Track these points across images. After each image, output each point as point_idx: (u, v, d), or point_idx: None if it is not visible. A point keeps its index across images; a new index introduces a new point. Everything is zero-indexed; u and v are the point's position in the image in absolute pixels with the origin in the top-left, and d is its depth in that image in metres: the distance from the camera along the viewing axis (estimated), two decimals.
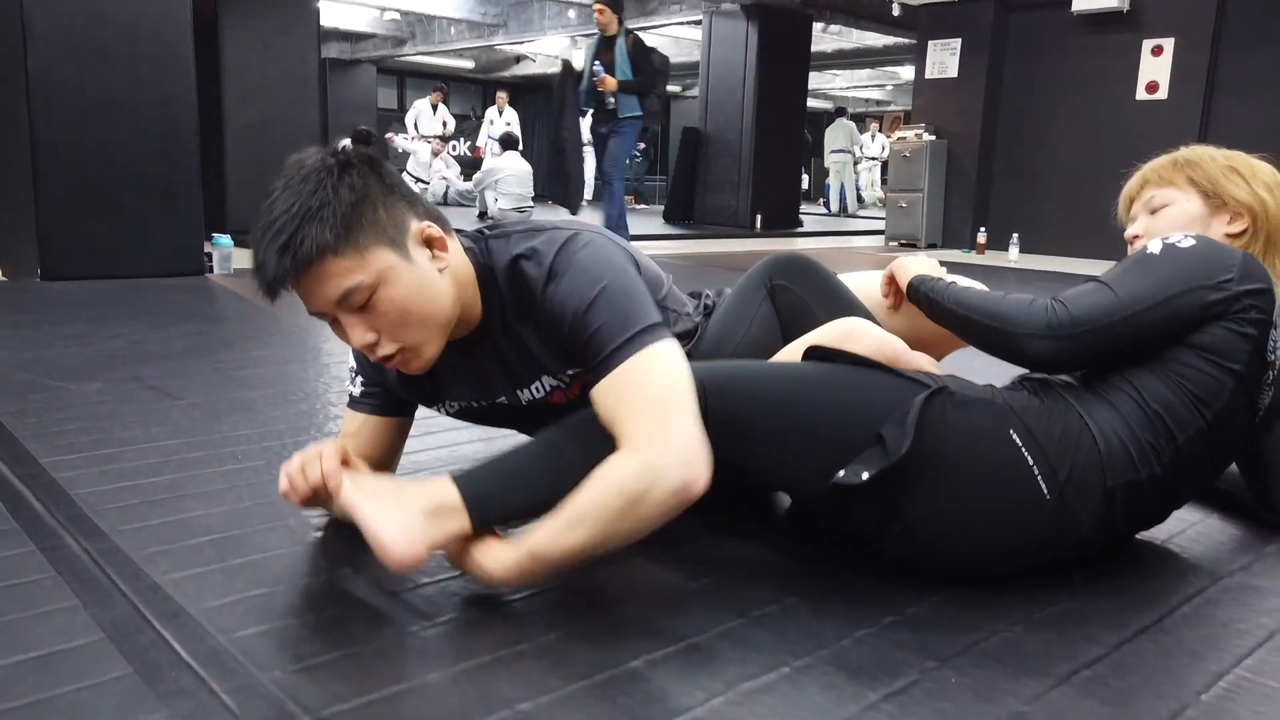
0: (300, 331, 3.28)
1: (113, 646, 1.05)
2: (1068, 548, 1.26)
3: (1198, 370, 1.23)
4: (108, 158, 4.30)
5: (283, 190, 1.12)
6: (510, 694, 0.98)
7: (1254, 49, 6.81)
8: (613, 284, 1.18)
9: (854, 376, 1.22)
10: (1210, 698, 1.02)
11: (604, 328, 1.16)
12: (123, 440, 1.82)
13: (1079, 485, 1.20)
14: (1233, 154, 1.47)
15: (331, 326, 1.19)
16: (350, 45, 14.97)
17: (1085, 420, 1.23)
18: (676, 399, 1.13)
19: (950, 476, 1.18)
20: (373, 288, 1.12)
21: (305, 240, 1.08)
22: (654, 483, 1.09)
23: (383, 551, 1.08)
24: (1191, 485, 1.31)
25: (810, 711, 0.96)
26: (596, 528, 1.09)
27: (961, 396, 1.22)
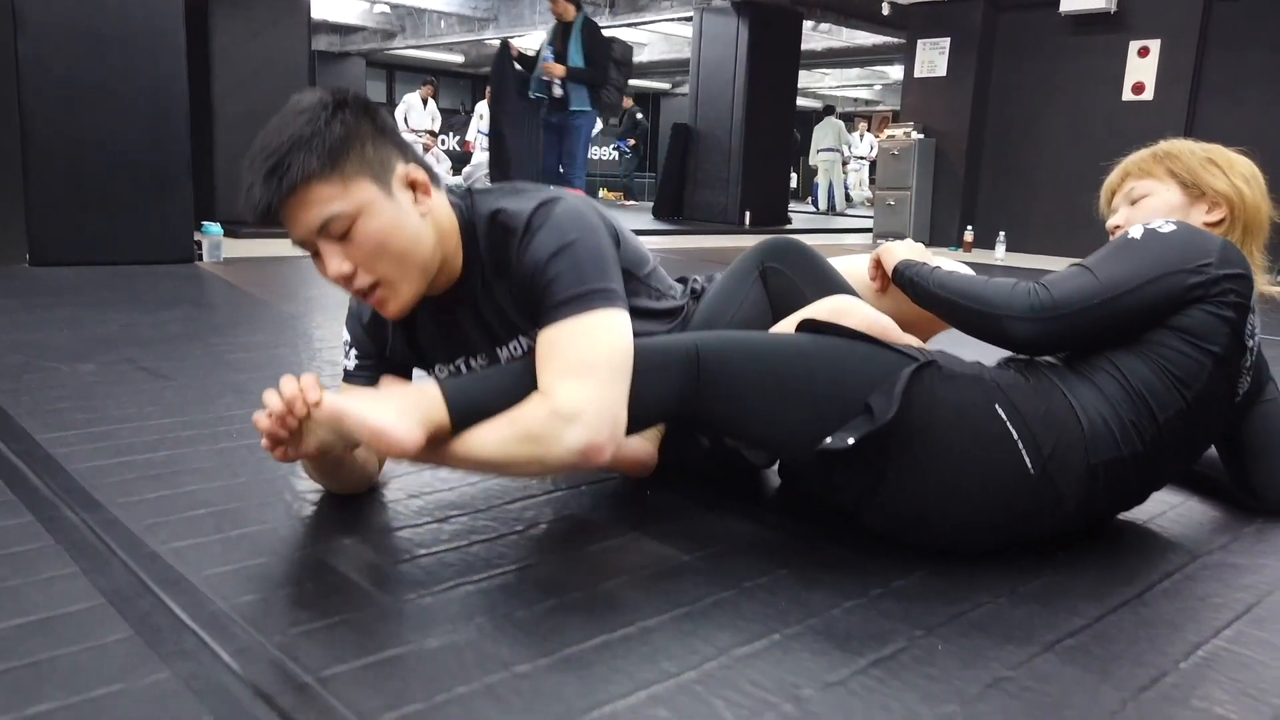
0: (290, 318, 3.29)
1: (113, 611, 1.07)
2: (1051, 524, 1.28)
3: (1178, 352, 1.26)
4: (99, 144, 4.28)
5: (278, 122, 1.16)
6: (508, 657, 1.00)
7: (1239, 51, 6.88)
8: (581, 242, 1.22)
9: (845, 348, 1.25)
10: (1189, 665, 1.04)
11: (560, 278, 1.20)
12: (118, 419, 1.83)
13: (1062, 461, 1.23)
14: (1211, 147, 1.51)
15: (313, 260, 1.22)
16: (340, 38, 14.92)
17: (1069, 399, 1.26)
18: (606, 366, 1.17)
19: (935, 447, 1.21)
20: (352, 218, 1.17)
21: (292, 166, 1.13)
22: (556, 434, 1.14)
23: (381, 436, 1.10)
24: (1172, 465, 1.34)
25: (801, 675, 0.99)
26: (498, 453, 1.16)
27: (949, 371, 1.25)
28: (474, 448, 1.17)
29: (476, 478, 1.57)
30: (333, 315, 3.35)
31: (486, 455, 1.17)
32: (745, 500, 1.53)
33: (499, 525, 1.38)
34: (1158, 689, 0.99)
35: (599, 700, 0.92)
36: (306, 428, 1.18)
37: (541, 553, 1.28)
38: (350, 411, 1.12)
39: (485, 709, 0.90)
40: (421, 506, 1.43)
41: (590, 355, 1.17)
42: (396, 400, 1.16)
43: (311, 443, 1.19)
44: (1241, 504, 1.56)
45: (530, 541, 1.33)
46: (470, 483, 1.54)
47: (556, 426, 1.14)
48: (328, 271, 1.20)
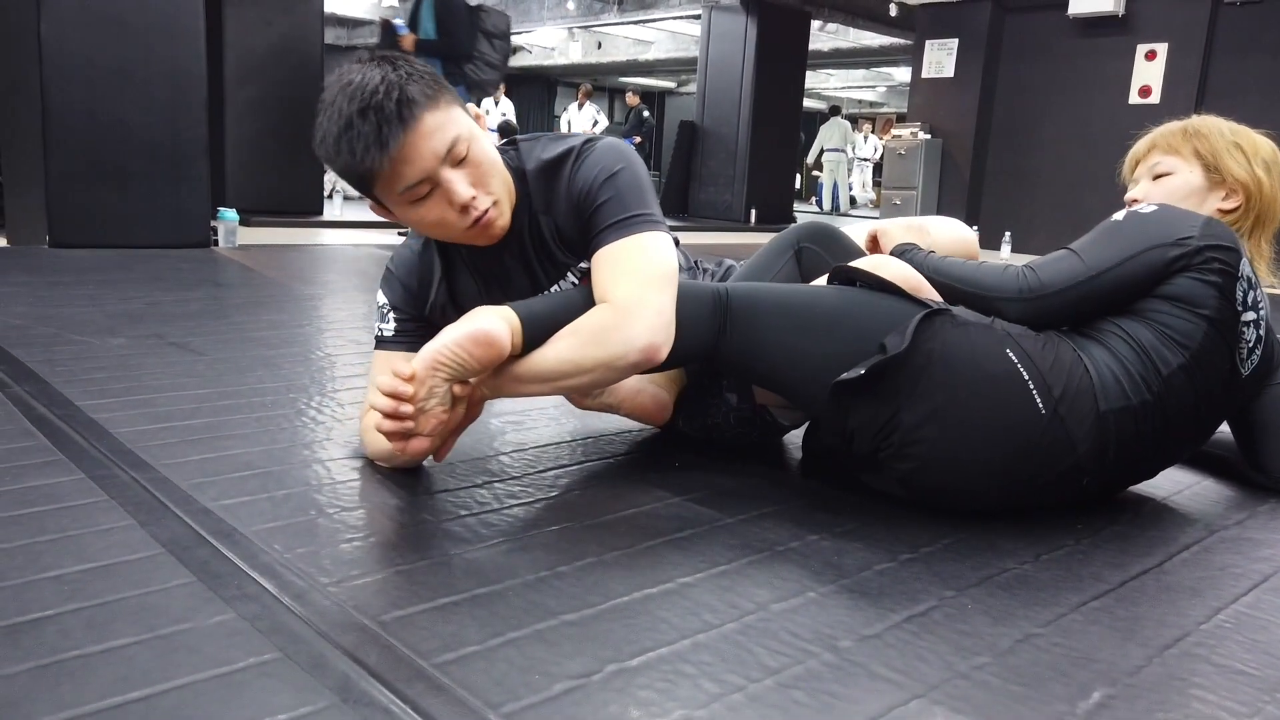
0: (312, 299, 3.33)
1: (173, 559, 1.10)
2: (1064, 476, 1.32)
3: (1172, 315, 1.32)
4: (118, 128, 4.32)
5: (347, 91, 1.22)
6: (555, 607, 1.03)
7: (1245, 56, 6.92)
8: (627, 170, 1.34)
9: (866, 296, 1.34)
10: (1210, 626, 1.08)
11: (615, 200, 1.32)
12: (154, 388, 1.87)
13: (1072, 405, 1.28)
14: (1239, 129, 1.54)
15: (422, 200, 1.27)
16: (347, 31, 14.94)
17: (1078, 352, 1.32)
18: (663, 279, 1.29)
19: (947, 385, 1.27)
20: (468, 140, 1.26)
21: (403, 104, 1.21)
22: (620, 332, 1.24)
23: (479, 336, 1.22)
24: (1181, 434, 1.37)
25: (838, 628, 1.02)
26: (567, 359, 1.26)
27: (962, 319, 1.32)
28: (542, 359, 1.27)
29: (511, 447, 1.61)
30: (351, 298, 3.39)
31: (555, 363, 1.27)
32: (772, 471, 1.57)
33: (536, 491, 1.41)
34: (1180, 647, 1.03)
35: (645, 646, 0.96)
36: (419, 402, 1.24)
37: (578, 516, 1.32)
38: (442, 344, 1.22)
39: (538, 651, 0.94)
40: (460, 472, 1.47)
41: (644, 266, 1.28)
42: (470, 315, 1.26)
43: (433, 410, 1.26)
44: (1255, 483, 1.60)
45: (566, 505, 1.37)
46: (505, 452, 1.58)
47: (620, 324, 1.25)
48: (457, 196, 1.26)
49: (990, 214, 8.22)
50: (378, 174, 1.24)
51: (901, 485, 1.36)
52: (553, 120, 18.45)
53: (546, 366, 1.27)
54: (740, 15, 9.79)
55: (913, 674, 0.94)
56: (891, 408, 1.27)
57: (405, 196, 1.27)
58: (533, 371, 1.28)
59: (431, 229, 1.34)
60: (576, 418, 1.82)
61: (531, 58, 16.64)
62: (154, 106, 4.40)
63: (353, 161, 1.23)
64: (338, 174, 1.30)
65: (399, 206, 1.30)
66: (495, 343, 1.23)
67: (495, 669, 0.90)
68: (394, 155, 1.22)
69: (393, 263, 1.51)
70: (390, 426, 1.23)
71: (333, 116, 1.23)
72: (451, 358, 1.23)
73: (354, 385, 1.99)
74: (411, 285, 1.47)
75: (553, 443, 1.67)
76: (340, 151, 1.23)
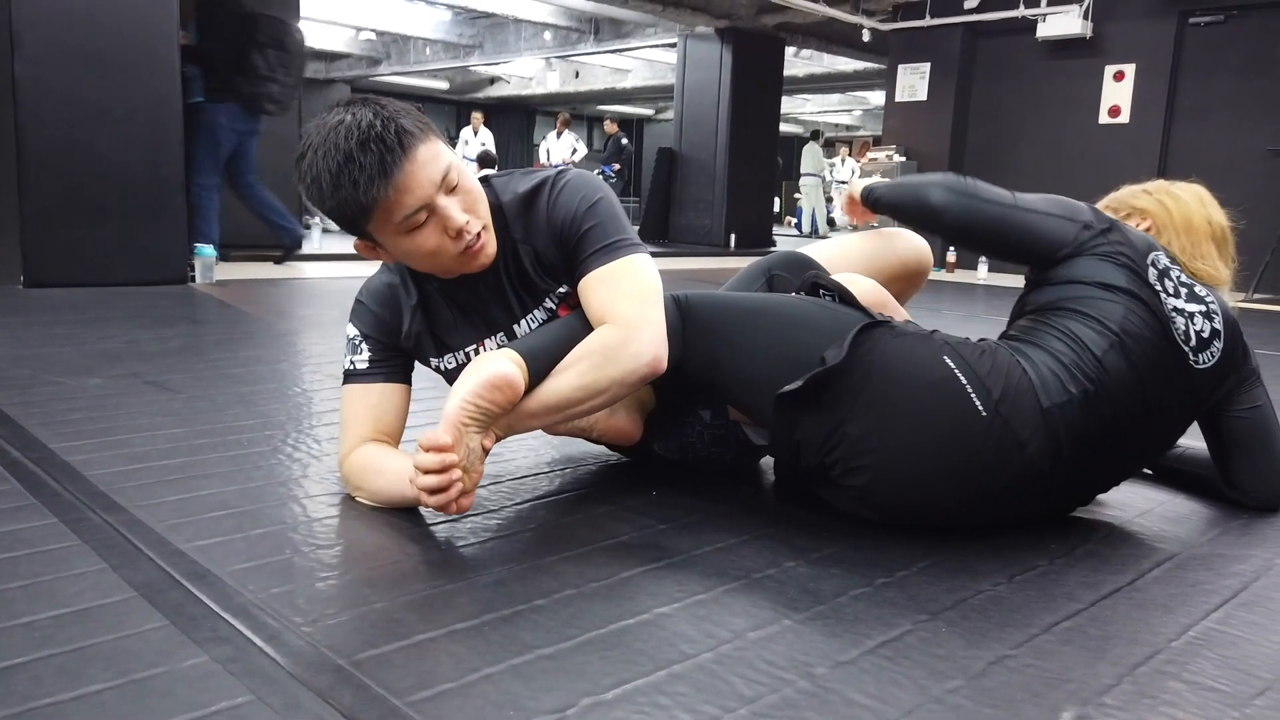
0: (287, 334, 3.33)
1: (146, 602, 1.10)
2: (1020, 479, 1.33)
3: (1092, 298, 1.39)
4: (93, 165, 4.31)
5: (347, 121, 1.25)
6: (531, 640, 1.03)
7: (1211, 75, 7.06)
8: (606, 199, 1.42)
9: (814, 306, 1.39)
10: (1181, 644, 1.10)
11: (599, 227, 1.39)
12: (130, 428, 1.86)
13: (1014, 405, 1.30)
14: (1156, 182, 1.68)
15: (418, 229, 1.31)
16: (325, 65, 15.02)
17: (1015, 356, 1.36)
18: (656, 297, 1.38)
19: (888, 395, 1.30)
20: (458, 169, 1.31)
21: (403, 134, 1.25)
22: (627, 347, 1.32)
23: (498, 381, 1.26)
24: (1136, 420, 1.38)
25: (813, 655, 1.03)
26: (577, 384, 1.32)
27: (901, 330, 1.36)
28: (555, 389, 1.32)
29: (488, 480, 1.61)
30: (330, 331, 3.38)
31: (569, 390, 1.32)
32: (748, 499, 1.58)
33: (513, 524, 1.42)
34: (1151, 665, 1.04)
35: (622, 679, 0.96)
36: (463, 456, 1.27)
37: (555, 548, 1.32)
38: (461, 400, 1.26)
39: (514, 686, 0.94)
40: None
41: (639, 285, 1.37)
42: (476, 364, 1.29)
43: (474, 465, 1.30)
44: (1228, 500, 1.62)
45: (544, 538, 1.37)
46: (482, 485, 1.58)
47: (629, 340, 1.32)
48: (453, 222, 1.31)
49: None
50: (378, 206, 1.27)
51: (862, 504, 1.37)
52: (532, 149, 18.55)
53: (561, 395, 1.32)
54: (715, 43, 9.91)
55: (887, 699, 0.94)
56: (834, 419, 1.30)
57: (403, 226, 1.30)
58: (546, 403, 1.33)
59: (425, 258, 1.35)
60: (554, 447, 1.83)
61: (510, 87, 16.76)
62: (132, 144, 4.40)
63: (354, 195, 1.25)
64: (329, 213, 1.32)
65: (395, 238, 1.32)
66: (512, 383, 1.27)
67: (470, 706, 0.90)
68: (397, 185, 1.25)
69: (363, 294, 1.52)
70: (443, 499, 1.25)
71: (328, 155, 1.25)
72: (475, 410, 1.27)
73: (332, 421, 1.99)
74: (384, 315, 1.48)
75: (531, 474, 1.67)
76: (340, 186, 1.25)
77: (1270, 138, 6.77)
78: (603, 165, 12.25)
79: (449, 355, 1.49)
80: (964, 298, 5.63)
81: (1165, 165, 7.20)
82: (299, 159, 1.30)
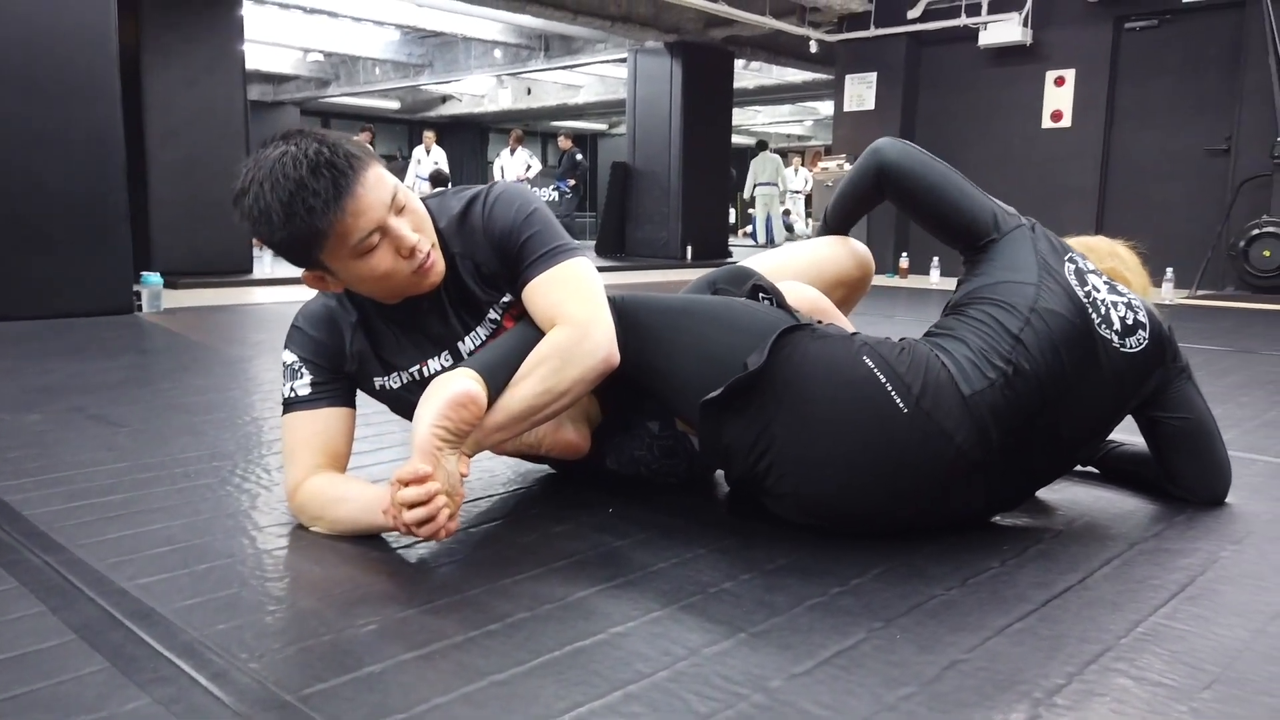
0: (238, 361, 3.27)
1: (86, 645, 1.07)
2: (955, 473, 1.33)
3: (1006, 283, 1.44)
4: (33, 195, 4.22)
5: (291, 152, 1.25)
6: (483, 666, 1.02)
7: (1148, 78, 7.24)
8: (541, 207, 1.45)
9: (741, 309, 1.42)
10: (1130, 640, 1.11)
11: (537, 235, 1.41)
12: (71, 464, 1.81)
13: (935, 398, 1.32)
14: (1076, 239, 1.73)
15: (371, 252, 1.31)
16: (273, 87, 14.87)
17: (933, 350, 1.38)
18: (601, 296, 1.41)
19: (810, 397, 1.32)
20: (403, 190, 1.34)
21: (351, 158, 1.26)
22: (582, 345, 1.34)
23: (463, 400, 1.27)
24: (1065, 405, 1.39)
25: (768, 668, 1.03)
26: (537, 390, 1.33)
27: (822, 332, 1.38)
28: (518, 398, 1.33)
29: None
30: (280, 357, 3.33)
31: (531, 396, 1.33)
32: (702, 513, 1.58)
33: (465, 548, 1.40)
34: (1101, 662, 1.05)
35: (576, 701, 0.95)
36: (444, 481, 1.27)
37: (508, 570, 1.31)
38: (426, 425, 1.26)
39: (465, 714, 0.92)
40: (386, 536, 1.44)
41: (584, 286, 1.39)
42: (435, 387, 1.29)
43: (455, 487, 1.29)
44: (1170, 495, 1.64)
45: (497, 560, 1.36)
46: None
47: (583, 338, 1.34)
48: (406, 241, 1.32)
49: (918, 240, 8.41)
50: (331, 231, 1.26)
51: (801, 511, 1.38)
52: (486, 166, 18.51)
53: (525, 401, 1.33)
54: (665, 57, 9.96)
55: (842, 709, 0.94)
56: (759, 423, 1.32)
57: (358, 249, 1.30)
58: (511, 412, 1.33)
59: (378, 282, 1.35)
60: (509, 467, 1.81)
61: (461, 105, 16.71)
62: (72, 172, 4.31)
63: (309, 221, 1.25)
64: (279, 245, 1.30)
65: (348, 263, 1.31)
66: (475, 398, 1.28)
67: None
68: (350, 208, 1.26)
69: (299, 319, 1.51)
70: (431, 528, 1.25)
71: (276, 186, 1.24)
72: (442, 432, 1.26)
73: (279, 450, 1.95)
74: (322, 338, 1.47)
75: (484, 495, 1.65)
76: (294, 215, 1.24)
77: (1207, 137, 6.95)
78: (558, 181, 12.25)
79: (394, 374, 1.48)
80: (917, 303, 5.69)
81: (1107, 167, 7.36)
82: (240, 196, 1.28)
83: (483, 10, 9.14)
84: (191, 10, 6.34)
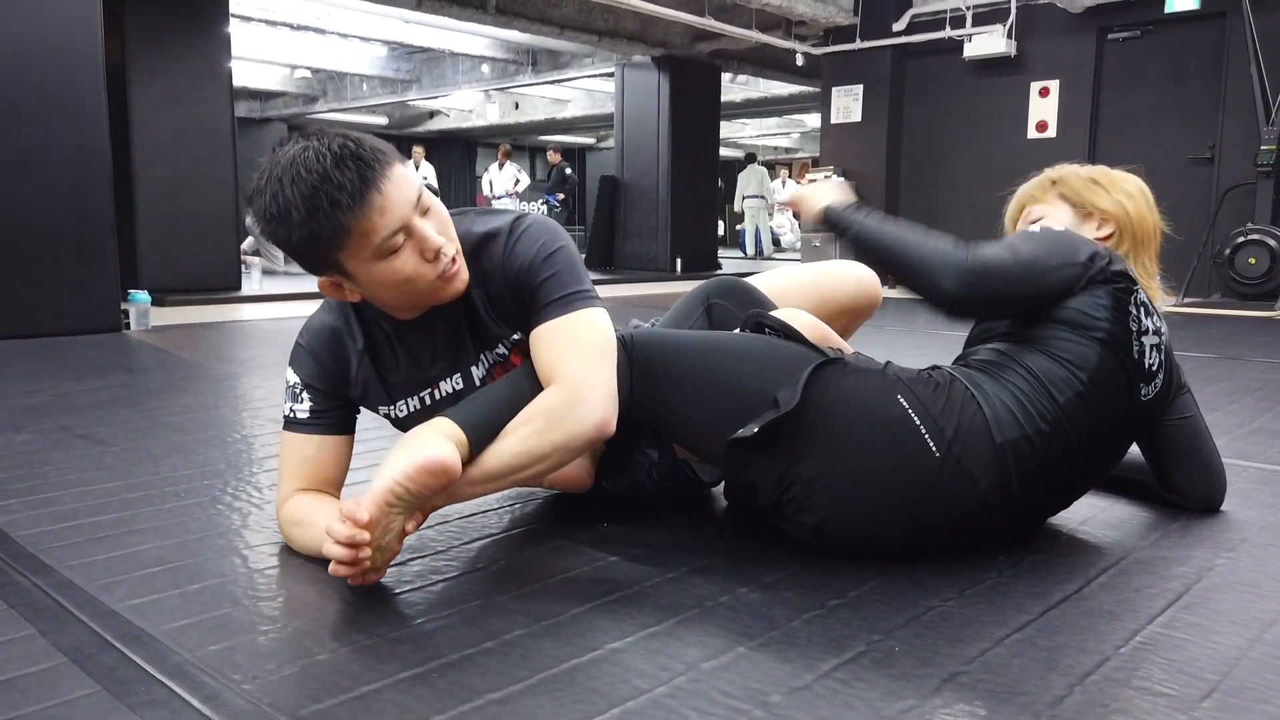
0: (227, 379, 3.25)
1: (77, 668, 1.05)
2: (971, 513, 1.33)
3: (1068, 341, 1.36)
4: (18, 215, 4.20)
5: (314, 147, 1.20)
6: (480, 685, 1.01)
7: (1131, 88, 7.30)
8: (565, 249, 1.36)
9: (763, 345, 1.37)
10: (1128, 650, 1.11)
11: (556, 277, 1.33)
12: (59, 485, 1.79)
13: (967, 443, 1.30)
14: (1095, 168, 1.63)
15: (394, 253, 1.25)
16: (260, 104, 14.86)
17: (970, 390, 1.35)
18: (607, 354, 1.32)
19: (841, 435, 1.29)
20: (426, 192, 1.28)
21: (377, 152, 1.22)
22: (573, 411, 1.26)
23: (430, 465, 1.17)
24: (1082, 455, 1.38)
25: (767, 683, 1.02)
26: (521, 450, 1.26)
27: (854, 367, 1.34)
28: (497, 457, 1.26)
29: (436, 519, 1.58)
30: (271, 374, 3.31)
31: (511, 457, 1.26)
32: (698, 525, 1.57)
33: (460, 565, 1.39)
34: (1101, 673, 1.05)
35: (573, 719, 0.94)
36: (379, 537, 1.20)
37: (505, 587, 1.30)
38: (391, 479, 1.18)
39: None
40: None
41: (589, 341, 1.31)
42: (413, 441, 1.22)
43: (388, 545, 1.22)
44: (1165, 502, 1.65)
45: (493, 576, 1.35)
46: (429, 525, 1.55)
47: (574, 402, 1.26)
48: (431, 242, 1.26)
49: None
50: (355, 228, 1.20)
51: (813, 535, 1.36)
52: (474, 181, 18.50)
53: (503, 461, 1.26)
54: (652, 71, 10.00)
55: None
56: (788, 460, 1.29)
57: (381, 250, 1.23)
58: (488, 471, 1.26)
59: (399, 286, 1.28)
60: None
61: (449, 120, 16.72)
62: (57, 191, 4.29)
63: (333, 216, 1.18)
64: (296, 246, 1.23)
65: (370, 265, 1.24)
66: (447, 469, 1.18)
67: None
68: (375, 204, 1.19)
69: (303, 336, 1.44)
70: (347, 572, 1.20)
71: (297, 180, 1.18)
72: (404, 493, 1.18)
73: (272, 467, 1.94)
74: (326, 360, 1.41)
75: (479, 511, 1.64)
76: (317, 209, 1.17)
77: (1191, 146, 7.01)
78: (547, 195, 12.26)
79: (400, 403, 1.44)
80: (906, 314, 5.71)
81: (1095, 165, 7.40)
82: (255, 196, 1.23)
83: (470, 26, 9.16)
84: (178, 28, 6.33)
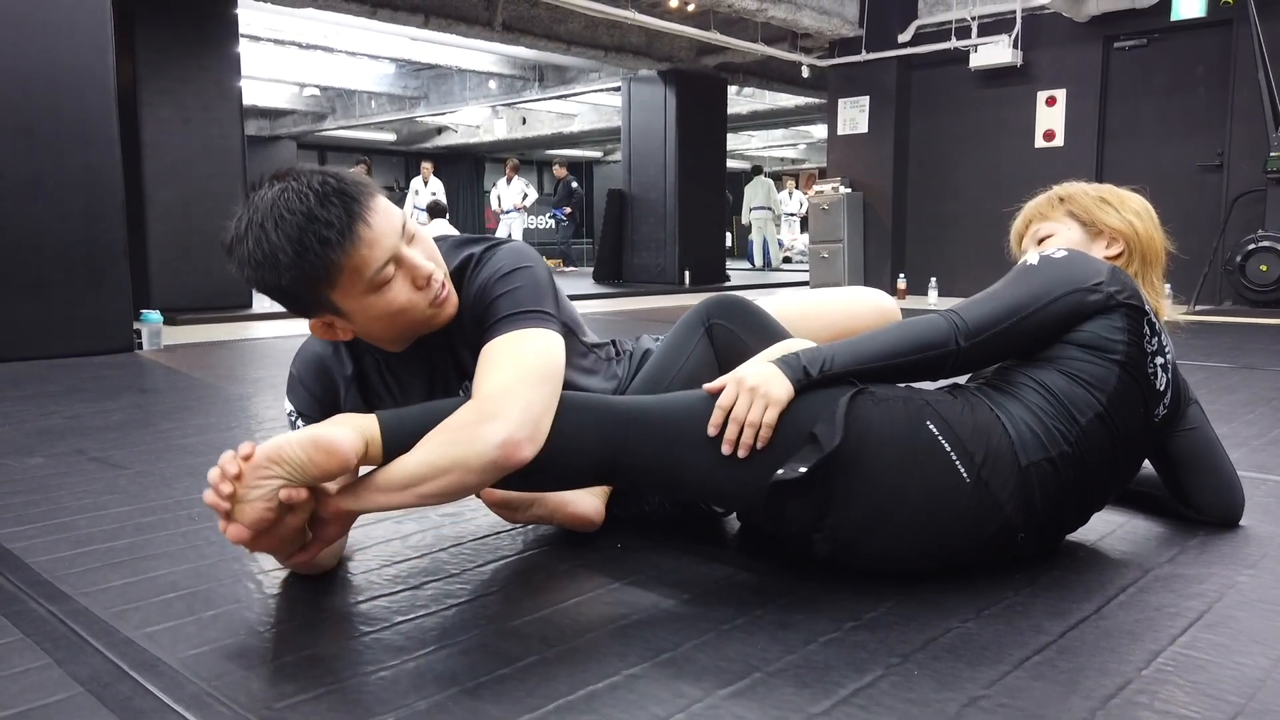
0: (239, 399, 3.26)
1: (93, 698, 1.05)
2: (995, 536, 1.33)
3: (1085, 362, 1.35)
4: (31, 238, 4.22)
5: (294, 188, 1.20)
6: (496, 713, 1.01)
7: (1137, 96, 7.29)
8: (524, 271, 1.33)
9: None
10: (1150, 672, 1.09)
11: (510, 295, 1.30)
12: (74, 509, 1.80)
13: (994, 467, 1.30)
14: (1103, 186, 1.63)
15: (386, 285, 1.25)
16: (270, 122, 14.97)
17: (995, 412, 1.34)
18: (538, 375, 1.23)
19: (876, 466, 1.27)
20: (409, 219, 1.29)
21: (359, 185, 1.21)
22: (475, 430, 1.17)
23: (322, 443, 1.15)
24: (1101, 479, 1.39)
25: (786, 709, 1.01)
26: (422, 464, 1.17)
27: (881, 394, 1.32)
28: (400, 466, 1.19)
29: (449, 542, 1.57)
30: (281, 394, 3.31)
31: (412, 467, 1.18)
32: (711, 546, 1.56)
33: (474, 588, 1.39)
34: (1123, 696, 1.04)
35: None
36: (240, 493, 1.15)
37: (519, 611, 1.29)
38: (288, 440, 1.16)
39: None
40: (395, 575, 1.43)
41: (521, 359, 1.24)
42: (328, 421, 1.21)
43: (253, 501, 1.15)
44: (1184, 518, 1.63)
45: (507, 600, 1.34)
46: (442, 548, 1.54)
47: (480, 419, 1.17)
48: (422, 269, 1.26)
49: (915, 261, 8.44)
50: (346, 264, 1.19)
51: (834, 557, 1.35)
52: (483, 196, 18.57)
53: (405, 473, 1.18)
54: (659, 85, 10.03)
55: None
56: (824, 494, 1.27)
57: (373, 283, 1.22)
58: (391, 480, 1.19)
59: (394, 318, 1.27)
60: None
61: (457, 136, 16.80)
62: (69, 214, 4.32)
63: (324, 254, 1.17)
64: (285, 289, 1.22)
65: (363, 299, 1.23)
66: (337, 452, 1.14)
67: None
68: (365, 237, 1.20)
69: (295, 365, 1.47)
70: (209, 498, 1.15)
71: (281, 223, 1.17)
72: (291, 457, 1.14)
73: None
74: (316, 390, 1.44)
75: (492, 533, 1.64)
76: (306, 250, 1.17)
77: (1199, 154, 6.99)
78: (554, 209, 12.30)
79: None
80: None
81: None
82: (235, 244, 1.21)
83: (477, 43, 9.21)
84: (188, 49, 6.38)
